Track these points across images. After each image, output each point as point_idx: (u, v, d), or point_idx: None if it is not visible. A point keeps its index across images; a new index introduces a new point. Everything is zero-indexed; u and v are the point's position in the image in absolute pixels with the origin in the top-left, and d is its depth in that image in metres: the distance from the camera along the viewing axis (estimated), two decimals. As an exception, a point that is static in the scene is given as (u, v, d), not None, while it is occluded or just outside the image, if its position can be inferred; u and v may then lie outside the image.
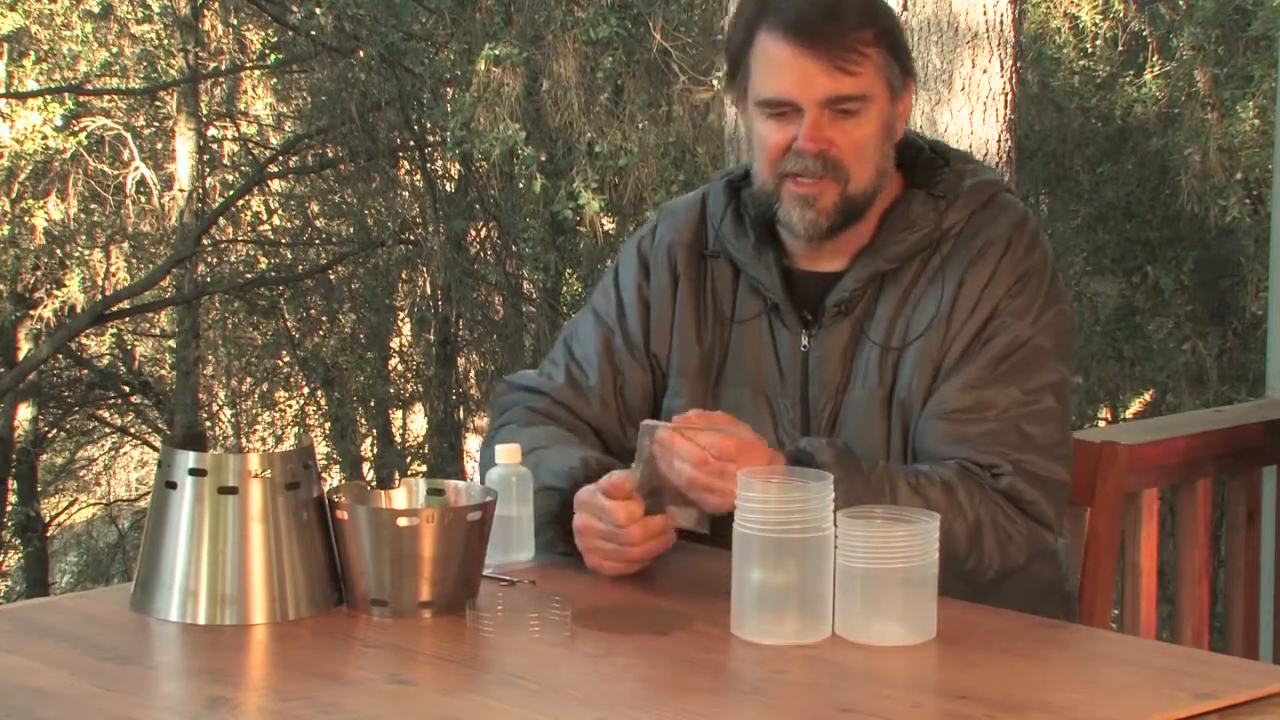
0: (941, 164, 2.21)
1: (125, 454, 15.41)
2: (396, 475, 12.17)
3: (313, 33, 12.10)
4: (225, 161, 13.72)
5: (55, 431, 14.25)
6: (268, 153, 13.52)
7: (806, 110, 2.08)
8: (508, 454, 2.12)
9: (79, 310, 12.43)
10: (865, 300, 2.17)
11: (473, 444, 13.66)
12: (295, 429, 13.81)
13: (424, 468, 13.24)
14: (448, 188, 13.07)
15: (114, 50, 12.73)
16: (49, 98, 11.98)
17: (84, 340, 13.35)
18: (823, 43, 2.07)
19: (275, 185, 13.83)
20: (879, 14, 2.13)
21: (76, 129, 12.15)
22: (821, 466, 1.94)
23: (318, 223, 13.72)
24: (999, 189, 2.20)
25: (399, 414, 14.48)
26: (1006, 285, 2.13)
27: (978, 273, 2.13)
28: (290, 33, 12.67)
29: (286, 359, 13.75)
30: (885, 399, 2.14)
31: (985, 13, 5.34)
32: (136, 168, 12.42)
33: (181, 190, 12.51)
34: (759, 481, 1.83)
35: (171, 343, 13.77)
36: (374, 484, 2.13)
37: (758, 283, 2.22)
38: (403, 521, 1.88)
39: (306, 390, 13.89)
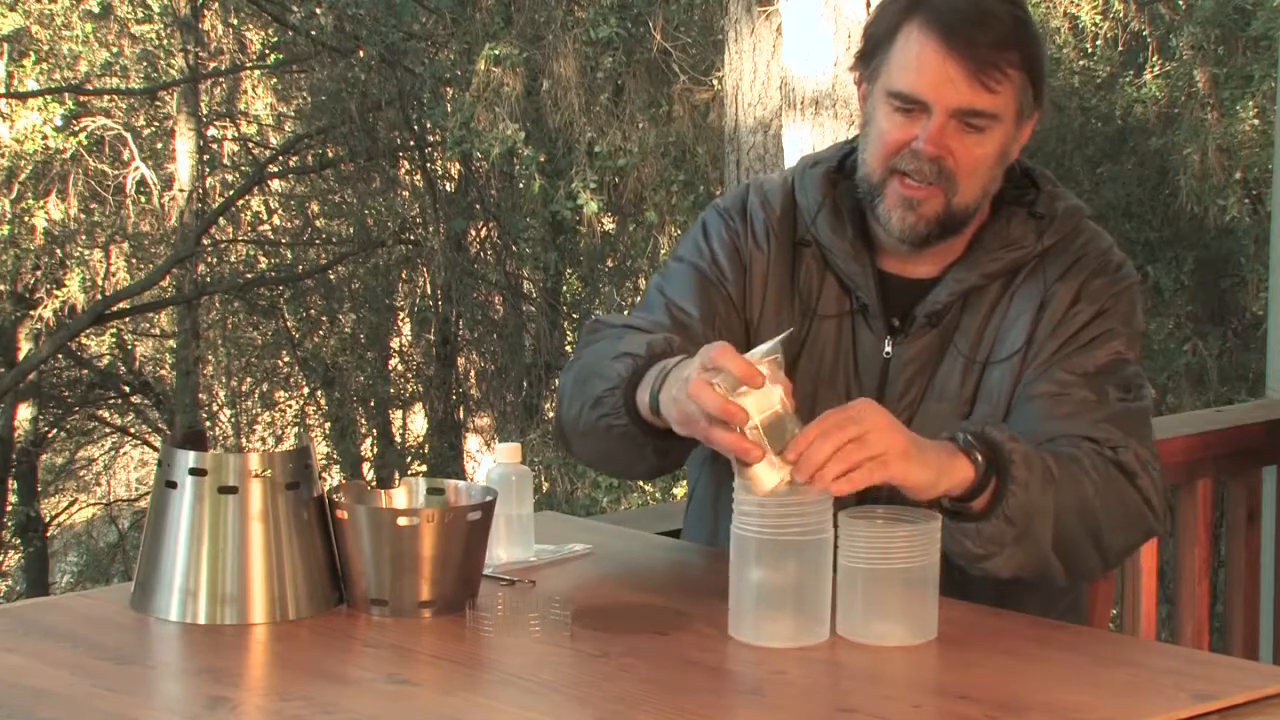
0: (1027, 182, 2.19)
1: (125, 454, 15.41)
2: (396, 475, 12.17)
3: (313, 33, 12.11)
4: (225, 161, 13.73)
5: (55, 431, 14.25)
6: (268, 153, 13.53)
7: (935, 114, 2.05)
8: (508, 453, 2.12)
9: (79, 310, 12.44)
10: (953, 312, 2.15)
11: (473, 444, 13.67)
12: (295, 429, 13.81)
13: (424, 467, 13.24)
14: (448, 187, 13.08)
15: (114, 50, 12.74)
16: (49, 98, 11.99)
17: (84, 340, 13.36)
18: (970, 53, 2.04)
19: (275, 185, 13.84)
20: (1029, 39, 2.10)
21: (76, 129, 12.16)
22: (1011, 463, 1.90)
23: (318, 223, 13.73)
24: (1085, 214, 2.20)
25: (399, 414, 14.48)
26: (1101, 302, 2.12)
27: (1071, 287, 2.12)
28: (290, 33, 12.69)
29: (286, 359, 13.76)
30: (965, 414, 2.11)
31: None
32: (136, 168, 12.43)
33: (181, 190, 12.52)
34: (754, 486, 1.80)
35: (171, 343, 13.78)
36: (374, 484, 2.11)
37: (851, 281, 2.17)
38: (403, 521, 1.88)
39: (306, 390, 13.90)
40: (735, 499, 1.81)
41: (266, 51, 13.25)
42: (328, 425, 13.68)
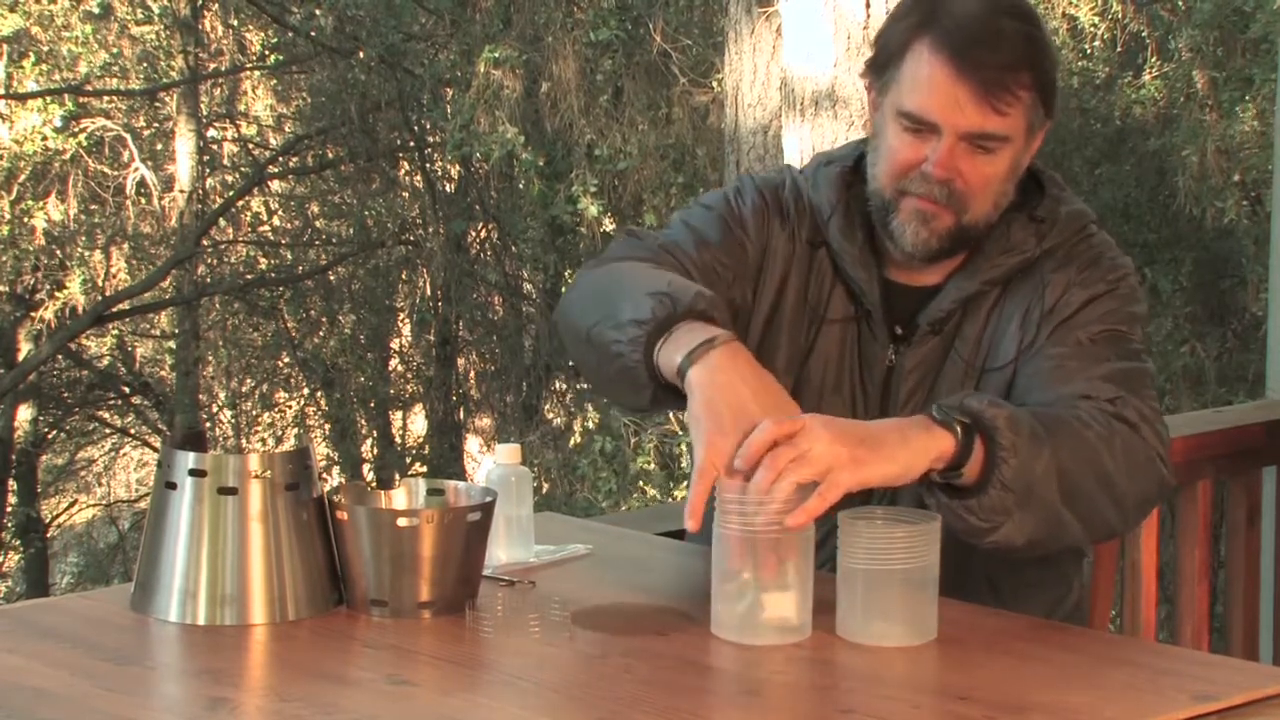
0: (1033, 185, 2.18)
1: (125, 455, 15.41)
2: (396, 476, 12.15)
3: (313, 34, 12.11)
4: (225, 162, 13.73)
5: (55, 432, 14.25)
6: (268, 153, 13.53)
7: (944, 137, 2.04)
8: (508, 454, 2.12)
9: (79, 311, 12.43)
10: (955, 319, 2.14)
11: (472, 445, 13.66)
12: (295, 430, 13.81)
13: (424, 468, 13.24)
14: (447, 188, 13.07)
15: (114, 51, 12.73)
16: (49, 99, 11.98)
17: (84, 341, 13.35)
18: (980, 75, 2.02)
19: (275, 186, 13.84)
20: (1041, 55, 2.08)
21: (76, 130, 12.15)
22: (994, 429, 1.85)
23: (318, 223, 13.73)
24: (1089, 219, 2.18)
25: (399, 415, 14.47)
26: (1095, 288, 2.10)
27: (1065, 274, 2.11)
28: (290, 34, 12.68)
29: (286, 360, 13.75)
30: None
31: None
32: (136, 169, 12.43)
33: (181, 191, 12.52)
34: (736, 482, 1.80)
35: (172, 344, 13.78)
36: (374, 485, 2.11)
37: (857, 288, 2.16)
38: (403, 521, 1.88)
39: (306, 391, 13.90)
40: (718, 497, 1.81)
41: (266, 52, 13.25)
42: (328, 426, 13.68)
